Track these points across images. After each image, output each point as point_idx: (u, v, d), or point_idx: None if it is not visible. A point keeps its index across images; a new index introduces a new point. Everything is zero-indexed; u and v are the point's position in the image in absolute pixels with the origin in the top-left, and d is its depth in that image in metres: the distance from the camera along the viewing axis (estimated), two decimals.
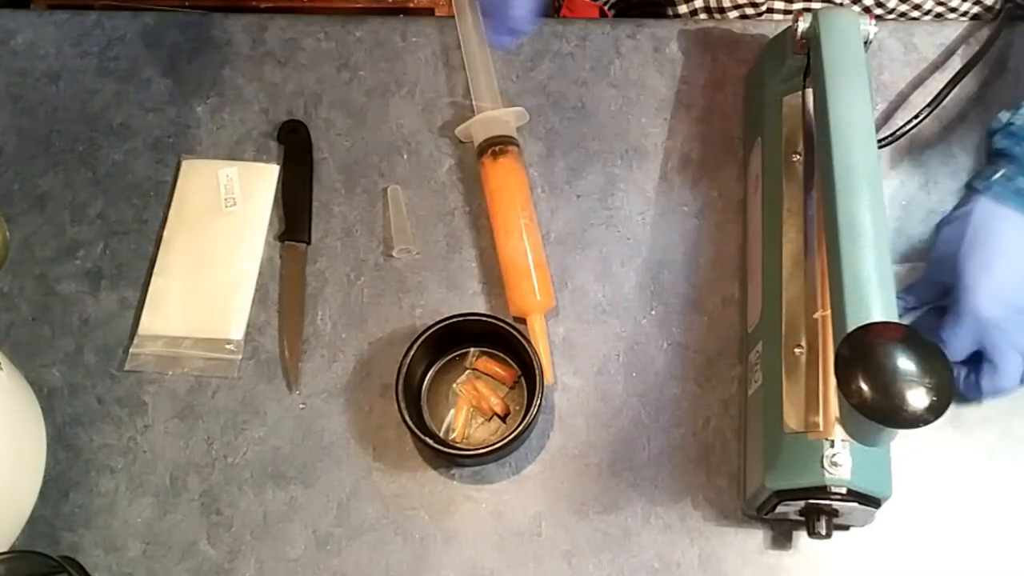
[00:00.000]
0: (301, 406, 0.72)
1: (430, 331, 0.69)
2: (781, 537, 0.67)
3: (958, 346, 0.64)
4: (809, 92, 0.69)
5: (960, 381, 0.66)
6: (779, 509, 0.62)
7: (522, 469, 0.70)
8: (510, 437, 0.66)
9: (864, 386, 0.51)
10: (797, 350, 0.63)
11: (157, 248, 0.77)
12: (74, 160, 0.81)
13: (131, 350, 0.74)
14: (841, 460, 0.58)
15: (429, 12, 1.03)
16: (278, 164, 0.80)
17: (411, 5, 1.05)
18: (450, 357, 0.72)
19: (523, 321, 0.73)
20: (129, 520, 0.69)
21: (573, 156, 0.80)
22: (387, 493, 0.69)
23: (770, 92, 0.72)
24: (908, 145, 0.78)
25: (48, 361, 0.74)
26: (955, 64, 0.80)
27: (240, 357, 0.74)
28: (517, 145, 0.77)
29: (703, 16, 0.88)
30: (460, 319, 0.69)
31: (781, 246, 0.67)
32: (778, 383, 0.62)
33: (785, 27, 0.72)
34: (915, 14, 0.86)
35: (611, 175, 0.79)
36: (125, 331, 0.75)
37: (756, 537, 0.67)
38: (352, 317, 0.75)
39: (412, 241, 0.77)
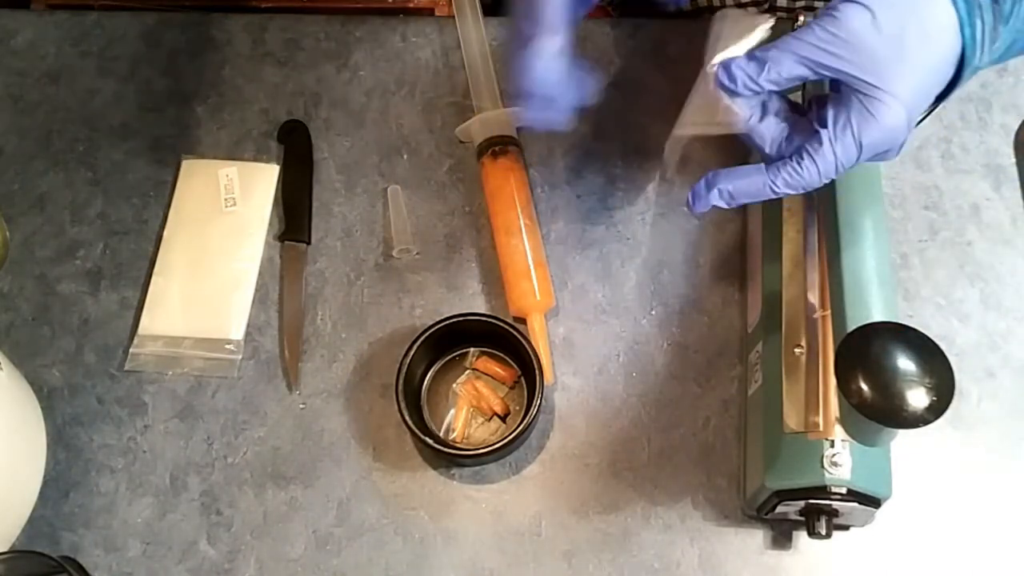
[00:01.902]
0: (301, 406, 0.72)
1: (430, 331, 0.69)
2: (781, 537, 0.67)
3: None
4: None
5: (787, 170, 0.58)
6: (779, 509, 0.62)
7: (522, 469, 0.70)
8: (510, 437, 0.66)
9: (864, 386, 0.51)
10: (797, 350, 0.63)
11: (157, 248, 0.77)
12: (74, 160, 0.81)
13: (131, 350, 0.74)
14: (841, 460, 0.58)
15: (429, 12, 1.03)
16: (278, 164, 0.80)
17: (411, 5, 1.05)
18: (450, 357, 0.72)
19: (523, 321, 0.73)
20: (129, 520, 0.69)
21: (573, 156, 0.80)
22: (387, 493, 0.69)
23: None
24: (908, 145, 0.78)
25: (48, 361, 0.74)
26: None
27: (240, 357, 0.74)
28: (517, 145, 0.78)
29: (706, 16, 0.88)
30: (460, 319, 0.69)
31: (781, 246, 0.67)
32: (778, 383, 0.62)
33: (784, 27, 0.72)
34: None
35: (611, 175, 0.79)
36: (125, 331, 0.75)
37: (756, 537, 0.67)
38: (352, 317, 0.75)
39: (412, 241, 0.77)
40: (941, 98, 0.58)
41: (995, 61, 0.58)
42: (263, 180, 0.79)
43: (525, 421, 0.66)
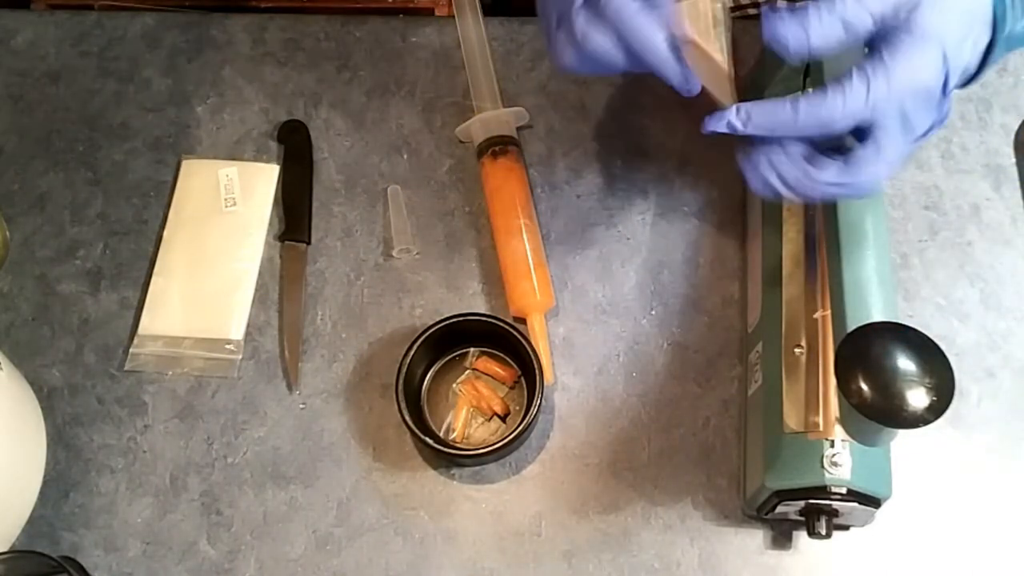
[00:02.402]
0: (301, 406, 0.72)
1: (430, 331, 0.69)
2: (781, 537, 0.67)
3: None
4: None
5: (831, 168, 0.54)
6: (779, 509, 0.62)
7: (522, 469, 0.70)
8: (510, 437, 0.66)
9: (864, 386, 0.51)
10: (797, 350, 0.63)
11: (157, 248, 0.77)
12: (74, 160, 0.81)
13: (131, 350, 0.74)
14: (841, 460, 0.58)
15: (429, 12, 1.03)
16: (278, 164, 0.80)
17: (411, 5, 1.04)
18: (450, 357, 0.72)
19: (523, 321, 0.73)
20: (129, 520, 0.69)
21: (573, 156, 0.80)
22: (387, 493, 0.69)
23: (770, 92, 0.72)
24: None
25: (48, 361, 0.74)
26: None
27: (240, 357, 0.74)
28: (517, 145, 0.78)
29: None
30: (460, 319, 0.69)
31: (781, 246, 0.67)
32: (778, 383, 0.62)
33: None
34: None
35: (611, 175, 0.79)
36: (125, 331, 0.75)
37: (756, 537, 0.67)
38: (352, 317, 0.75)
39: (412, 241, 0.77)
40: (979, 71, 0.55)
41: None
42: (263, 180, 0.79)
43: (525, 421, 0.66)
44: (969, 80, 0.57)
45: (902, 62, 0.51)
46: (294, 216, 0.78)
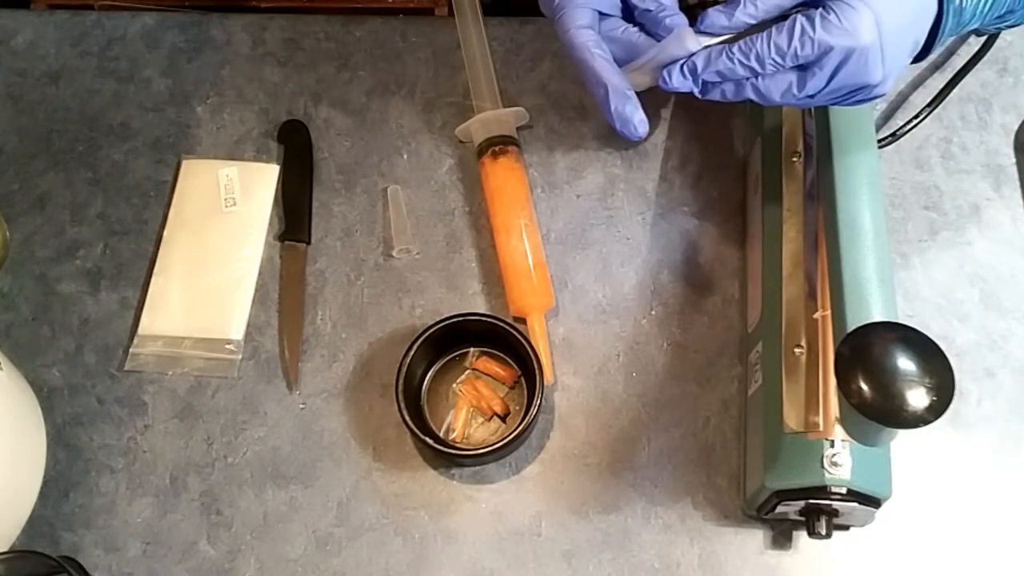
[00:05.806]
0: (301, 406, 0.72)
1: (430, 331, 0.69)
2: (781, 537, 0.67)
3: None
4: None
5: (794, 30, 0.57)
6: (779, 509, 0.62)
7: (522, 469, 0.70)
8: (510, 437, 0.66)
9: (864, 386, 0.51)
10: (797, 350, 0.63)
11: (157, 248, 0.77)
12: (74, 160, 0.81)
13: (131, 350, 0.74)
14: (841, 460, 0.58)
15: (429, 12, 1.03)
16: (278, 164, 0.80)
17: (411, 5, 1.05)
18: (450, 357, 0.72)
19: (523, 321, 0.73)
20: (129, 520, 0.69)
21: (573, 156, 0.80)
22: (387, 493, 0.69)
23: None
24: (908, 145, 0.78)
25: (48, 361, 0.74)
26: (955, 64, 0.80)
27: (240, 357, 0.74)
28: (517, 145, 0.78)
29: (696, 12, 0.88)
30: (460, 319, 0.69)
31: (781, 246, 0.67)
32: (778, 383, 0.62)
33: None
34: None
35: (611, 175, 0.79)
36: (125, 331, 0.75)
37: (756, 537, 0.67)
38: (352, 317, 0.75)
39: (412, 241, 0.77)
40: (929, 47, 0.59)
41: (992, 21, 0.59)
42: (263, 180, 0.79)
43: (525, 421, 0.66)
44: (922, 55, 0.60)
45: (833, 20, 0.55)
46: (294, 216, 0.78)
